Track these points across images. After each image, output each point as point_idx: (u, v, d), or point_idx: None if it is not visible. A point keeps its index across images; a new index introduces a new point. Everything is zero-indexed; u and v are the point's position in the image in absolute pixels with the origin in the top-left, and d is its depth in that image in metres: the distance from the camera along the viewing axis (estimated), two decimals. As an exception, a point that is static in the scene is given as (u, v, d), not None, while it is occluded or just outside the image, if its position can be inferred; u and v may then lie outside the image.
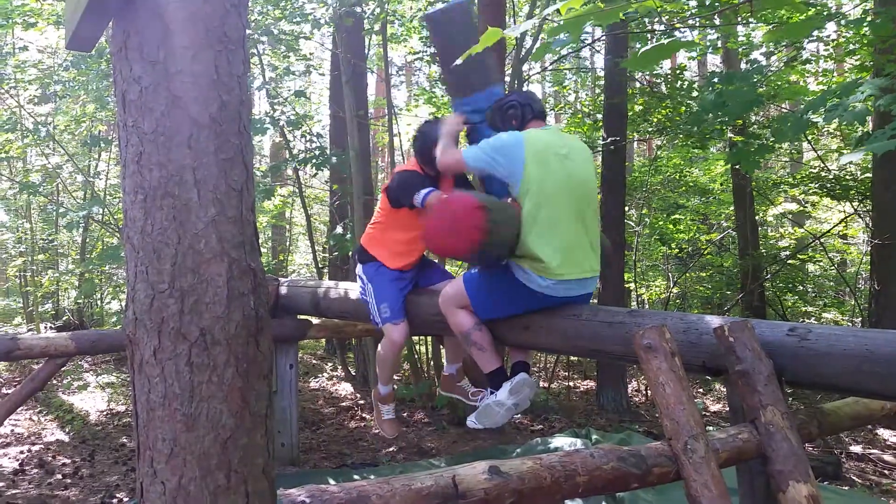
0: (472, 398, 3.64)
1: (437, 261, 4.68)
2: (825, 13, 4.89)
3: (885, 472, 5.05)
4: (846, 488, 4.48)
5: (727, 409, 6.40)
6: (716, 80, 5.40)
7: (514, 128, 3.00)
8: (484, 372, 3.12)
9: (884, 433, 5.93)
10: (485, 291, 3.06)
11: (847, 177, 8.05)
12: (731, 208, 9.77)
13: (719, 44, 8.50)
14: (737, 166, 8.45)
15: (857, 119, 3.34)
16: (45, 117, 8.81)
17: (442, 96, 10.90)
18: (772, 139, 6.14)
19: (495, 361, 3.10)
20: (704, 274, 10.39)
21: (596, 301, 7.79)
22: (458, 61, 2.14)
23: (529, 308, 3.03)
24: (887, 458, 5.32)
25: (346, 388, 8.01)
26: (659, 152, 10.43)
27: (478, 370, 3.24)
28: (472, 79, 3.21)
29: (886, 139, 3.06)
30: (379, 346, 3.71)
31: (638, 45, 7.85)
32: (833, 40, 7.84)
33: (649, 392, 7.43)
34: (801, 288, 9.76)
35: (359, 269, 3.74)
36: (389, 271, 3.59)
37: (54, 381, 7.48)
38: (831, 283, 10.68)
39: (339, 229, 7.69)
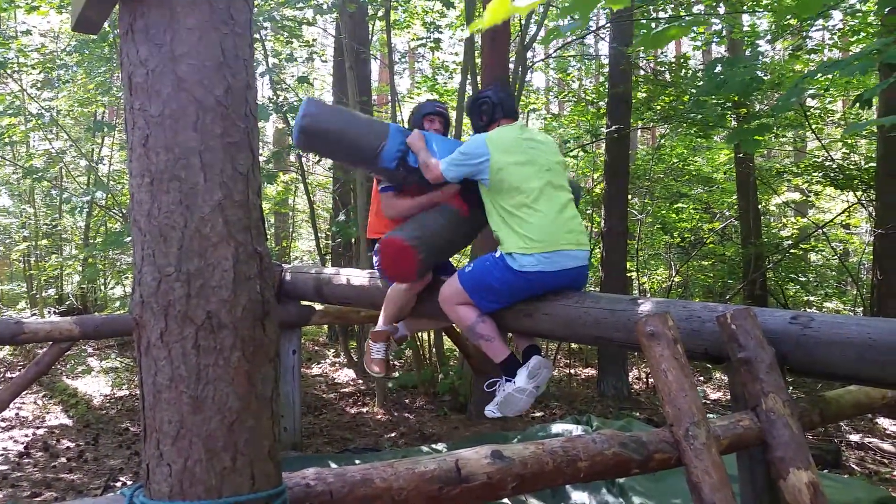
0: (490, 388, 3.59)
1: None
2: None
3: (885, 460, 5.07)
4: (845, 476, 4.50)
5: (727, 397, 6.41)
6: (718, 67, 5.37)
7: (484, 122, 3.27)
8: (496, 362, 3.13)
9: (883, 422, 5.95)
10: (482, 285, 3.08)
11: (851, 166, 8.03)
12: (734, 197, 9.76)
13: (724, 33, 8.46)
14: (740, 154, 8.45)
15: (861, 70, 3.20)
16: (48, 101, 8.79)
17: (444, 83, 10.86)
18: (769, 114, 6.11)
19: (505, 350, 3.11)
20: (706, 263, 10.39)
21: (598, 289, 7.80)
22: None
23: (530, 293, 3.05)
24: (886, 447, 5.34)
25: (348, 374, 8.04)
26: (662, 141, 10.40)
27: (491, 363, 3.24)
28: (368, 145, 3.28)
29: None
30: (392, 286, 3.52)
31: (643, 33, 7.80)
32: (839, 29, 7.80)
33: (650, 380, 7.45)
34: (804, 277, 9.77)
35: (377, 247, 3.66)
36: None
37: (58, 366, 7.52)
38: (833, 273, 10.68)
39: (341, 216, 7.70)
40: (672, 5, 7.47)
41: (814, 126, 8.07)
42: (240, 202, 1.36)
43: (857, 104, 3.32)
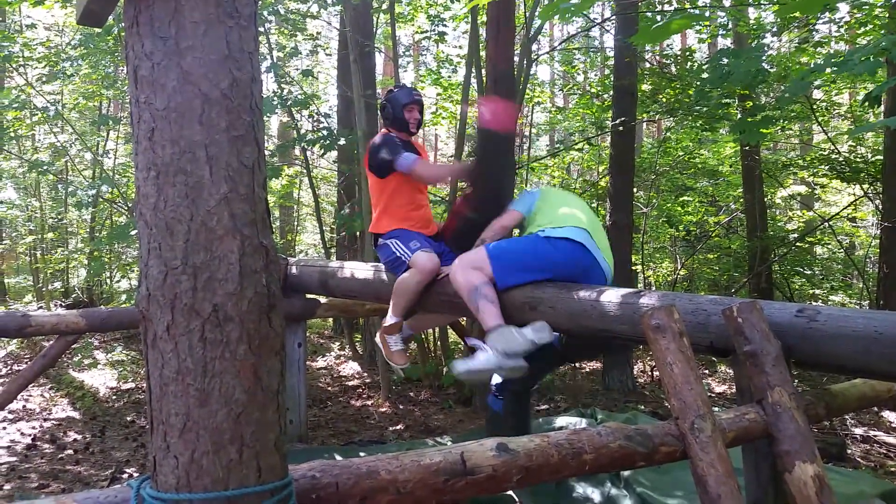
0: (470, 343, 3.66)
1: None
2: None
3: (890, 454, 5.06)
4: (851, 469, 4.49)
5: (732, 390, 6.40)
6: (724, 59, 5.34)
7: None
8: (487, 327, 3.06)
9: (888, 416, 5.94)
10: (508, 250, 3.18)
11: (857, 159, 7.99)
12: (740, 190, 9.73)
13: (730, 26, 8.42)
14: (746, 147, 8.42)
15: (868, 70, 3.16)
16: (53, 95, 8.81)
17: (448, 76, 10.84)
18: (776, 107, 6.09)
19: (500, 319, 3.09)
20: (712, 256, 10.36)
21: (603, 282, 7.76)
22: None
23: (554, 269, 3.11)
24: (891, 440, 5.33)
25: (353, 367, 8.05)
26: (668, 134, 10.36)
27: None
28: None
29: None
30: (400, 277, 3.52)
31: (643, 27, 7.76)
32: (846, 21, 7.75)
33: (655, 373, 7.44)
34: (809, 271, 9.74)
35: (380, 241, 3.75)
36: (413, 230, 3.68)
37: (65, 359, 7.56)
38: (839, 266, 10.64)
39: (346, 210, 7.70)
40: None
41: (820, 119, 8.03)
42: (245, 196, 1.36)
43: (866, 102, 3.29)
